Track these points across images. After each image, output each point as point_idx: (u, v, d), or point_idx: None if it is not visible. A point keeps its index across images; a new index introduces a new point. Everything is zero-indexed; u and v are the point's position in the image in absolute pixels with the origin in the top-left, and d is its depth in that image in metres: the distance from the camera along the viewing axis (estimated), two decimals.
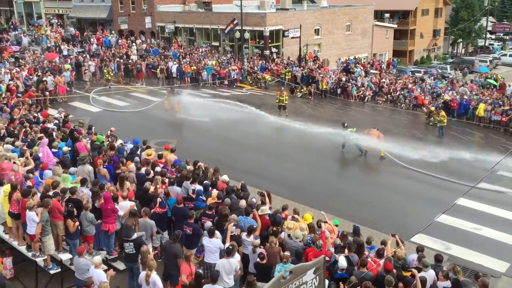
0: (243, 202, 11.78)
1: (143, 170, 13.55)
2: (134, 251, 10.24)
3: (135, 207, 11.10)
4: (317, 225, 11.49)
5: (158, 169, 13.78)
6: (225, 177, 13.73)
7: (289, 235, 10.82)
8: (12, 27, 43.98)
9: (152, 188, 12.29)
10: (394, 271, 9.63)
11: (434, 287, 9.45)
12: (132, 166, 13.82)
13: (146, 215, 11.06)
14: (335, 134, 21.56)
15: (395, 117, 29.01)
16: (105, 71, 32.32)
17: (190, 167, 14.52)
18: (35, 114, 20.65)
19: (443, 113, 24.84)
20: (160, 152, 15.55)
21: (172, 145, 17.17)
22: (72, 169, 13.37)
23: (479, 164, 20.60)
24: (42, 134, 16.25)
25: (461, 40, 73.13)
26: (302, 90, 32.88)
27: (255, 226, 10.79)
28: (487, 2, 79.09)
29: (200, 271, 9.93)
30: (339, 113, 29.06)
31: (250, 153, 21.16)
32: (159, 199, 11.81)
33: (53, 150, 14.94)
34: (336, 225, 11.85)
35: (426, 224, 14.47)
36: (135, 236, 10.48)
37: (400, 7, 63.05)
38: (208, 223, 10.98)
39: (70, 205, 10.95)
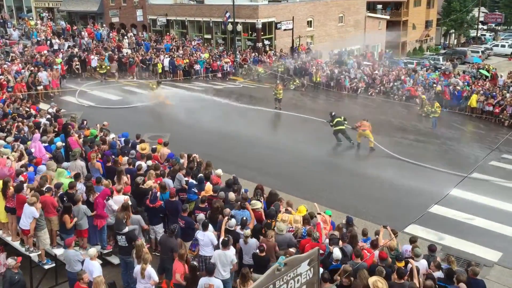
0: (232, 195, 11.79)
1: (135, 164, 13.50)
2: (127, 244, 10.25)
3: (129, 201, 11.09)
4: (310, 216, 11.50)
5: (150, 162, 13.73)
6: (219, 171, 13.72)
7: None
8: (1, 21, 43.50)
9: (149, 182, 12.25)
10: (389, 259, 9.68)
11: (426, 276, 9.52)
12: (124, 160, 13.78)
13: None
14: (328, 125, 21.59)
15: (388, 108, 29.05)
16: (98, 64, 32.12)
17: (184, 160, 14.53)
18: (27, 109, 20.54)
19: (437, 104, 24.81)
20: (153, 146, 15.52)
21: (165, 138, 17.12)
22: (64, 164, 13.32)
23: (471, 154, 20.79)
24: (35, 129, 16.19)
25: (453, 31, 73.29)
26: (295, 82, 32.87)
27: (245, 219, 10.79)
28: None
29: (195, 263, 9.95)
30: (332, 104, 29.05)
31: (242, 146, 21.15)
32: (150, 193, 11.78)
33: (45, 145, 14.87)
34: (329, 216, 11.89)
35: (419, 215, 14.59)
36: (126, 229, 10.48)
37: None
38: (201, 216, 11.01)
39: (65, 198, 10.93)
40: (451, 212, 15.00)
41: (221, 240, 9.98)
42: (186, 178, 12.73)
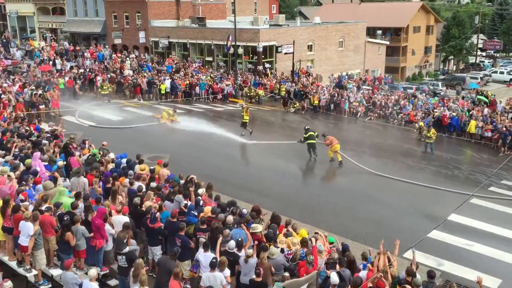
0: (230, 218, 11.73)
1: (135, 185, 13.49)
2: (126, 265, 10.17)
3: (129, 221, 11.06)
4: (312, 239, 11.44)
5: (153, 184, 13.74)
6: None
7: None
8: (4, 41, 43.98)
9: (148, 203, 12.22)
10: None
11: None
12: (126, 181, 13.78)
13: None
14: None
15: (387, 132, 29.19)
16: (100, 85, 32.28)
17: (182, 181, 14.54)
18: (27, 128, 20.61)
19: (433, 130, 24.54)
20: (151, 167, 15.53)
21: (165, 159, 17.15)
22: (65, 183, 13.31)
23: (470, 179, 20.77)
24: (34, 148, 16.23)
25: (453, 57, 74.04)
26: (295, 105, 33.05)
27: (240, 239, 10.74)
28: (478, 20, 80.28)
29: (188, 286, 9.84)
30: (330, 128, 29.17)
31: (241, 167, 21.17)
32: (150, 214, 11.73)
33: (45, 163, 14.90)
34: (331, 243, 11.82)
35: (417, 240, 14.51)
36: (127, 249, 10.42)
37: (392, 24, 63.90)
38: (202, 239, 10.94)
39: (66, 218, 10.89)
40: (450, 238, 14.93)
41: (209, 262, 9.89)
42: (186, 201, 12.68)
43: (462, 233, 15.30)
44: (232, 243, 10.61)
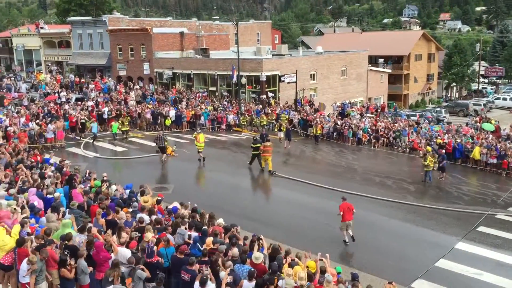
0: (235, 251, 11.53)
1: (137, 217, 13.40)
2: None
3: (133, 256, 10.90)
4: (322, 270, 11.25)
5: (154, 217, 13.64)
6: (220, 221, 13.60)
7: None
8: (11, 74, 44.63)
9: (148, 235, 12.04)
10: None
11: None
12: (122, 213, 13.64)
13: None
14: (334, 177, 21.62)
15: (391, 160, 29.13)
16: (120, 121, 30.57)
17: (187, 211, 14.45)
18: (32, 160, 20.68)
19: (430, 158, 23.64)
20: (158, 198, 15.50)
21: (170, 190, 17.11)
22: (67, 216, 13.24)
23: (476, 206, 20.57)
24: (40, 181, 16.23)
25: (455, 84, 74.42)
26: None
27: (253, 270, 10.60)
28: (479, 47, 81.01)
29: None
30: (334, 156, 29.16)
31: (244, 196, 21.09)
32: (146, 248, 11.46)
33: (49, 196, 14.84)
34: (339, 272, 11.68)
35: (425, 269, 14.32)
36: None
37: (393, 52, 64.51)
38: (207, 272, 10.70)
39: (66, 252, 10.77)
40: (458, 267, 14.71)
41: None
42: (189, 232, 12.54)
43: (470, 261, 15.07)
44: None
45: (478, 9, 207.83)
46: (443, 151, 25.87)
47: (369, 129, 32.85)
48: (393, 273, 13.00)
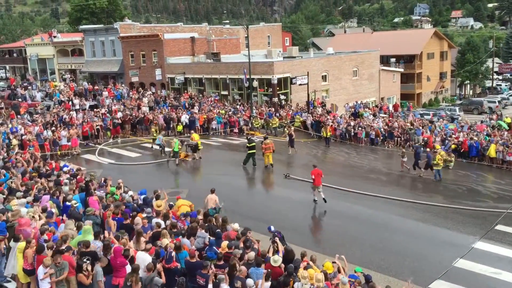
0: (251, 254, 11.46)
1: (153, 222, 13.45)
2: None
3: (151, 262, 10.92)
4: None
5: (168, 222, 13.69)
6: (235, 226, 13.60)
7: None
8: (26, 83, 45.21)
9: (165, 241, 12.05)
10: None
11: None
12: (138, 219, 13.73)
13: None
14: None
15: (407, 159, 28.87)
16: (154, 129, 30.56)
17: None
18: (47, 167, 20.89)
19: (439, 156, 23.51)
20: (171, 203, 15.54)
21: (184, 194, 17.16)
22: (87, 221, 13.31)
23: (494, 205, 20.30)
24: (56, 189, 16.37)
25: (469, 81, 73.69)
26: (312, 137, 32.84)
27: (269, 270, 10.61)
28: (492, 44, 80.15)
29: None
30: (348, 157, 29.00)
31: (259, 199, 21.04)
32: (166, 253, 11.52)
33: (68, 203, 14.98)
34: (361, 273, 11.67)
35: (444, 269, 14.16)
36: None
37: (405, 51, 64.13)
38: (221, 276, 10.70)
39: (85, 259, 10.81)
40: (477, 266, 14.52)
41: None
42: (208, 236, 12.57)
43: (489, 261, 14.87)
44: (249, 281, 10.39)
45: (490, 5, 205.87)
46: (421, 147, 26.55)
47: (383, 129, 32.63)
48: (410, 274, 12.86)
